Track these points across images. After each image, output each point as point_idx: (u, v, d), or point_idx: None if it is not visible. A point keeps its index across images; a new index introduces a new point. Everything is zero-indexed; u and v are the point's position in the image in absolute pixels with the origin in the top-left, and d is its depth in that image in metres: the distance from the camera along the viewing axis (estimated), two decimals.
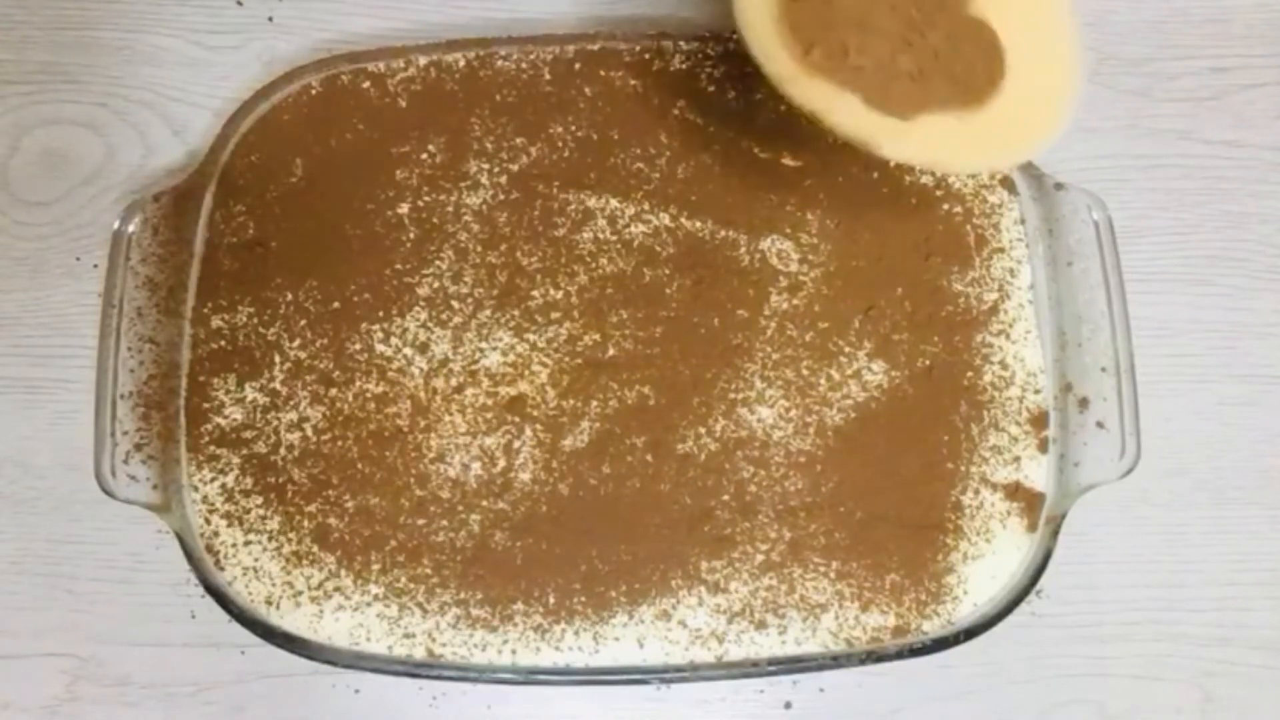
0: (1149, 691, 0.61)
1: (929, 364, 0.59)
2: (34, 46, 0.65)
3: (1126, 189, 0.64)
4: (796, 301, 0.60)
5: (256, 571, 0.57)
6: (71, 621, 0.60)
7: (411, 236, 0.60)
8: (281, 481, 0.58)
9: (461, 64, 0.62)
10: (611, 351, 0.59)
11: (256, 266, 0.60)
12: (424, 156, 0.61)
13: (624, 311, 0.59)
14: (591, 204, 0.60)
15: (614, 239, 0.60)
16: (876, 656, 0.56)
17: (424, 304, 0.59)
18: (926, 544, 0.58)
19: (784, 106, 0.54)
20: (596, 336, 0.59)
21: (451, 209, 0.60)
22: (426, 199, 0.60)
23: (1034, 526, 0.58)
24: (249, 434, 0.58)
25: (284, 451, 0.58)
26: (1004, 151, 0.56)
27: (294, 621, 0.56)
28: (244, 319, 0.59)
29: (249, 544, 0.57)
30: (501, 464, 0.58)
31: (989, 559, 0.57)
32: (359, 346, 0.59)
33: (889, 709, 0.61)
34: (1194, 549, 0.62)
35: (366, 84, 0.62)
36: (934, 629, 0.57)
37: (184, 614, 0.60)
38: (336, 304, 0.59)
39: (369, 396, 0.58)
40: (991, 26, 0.54)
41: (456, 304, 0.59)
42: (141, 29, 0.65)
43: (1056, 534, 0.57)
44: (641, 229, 0.60)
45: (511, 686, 0.58)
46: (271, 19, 0.66)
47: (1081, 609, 0.61)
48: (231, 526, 0.57)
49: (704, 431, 0.58)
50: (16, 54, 0.65)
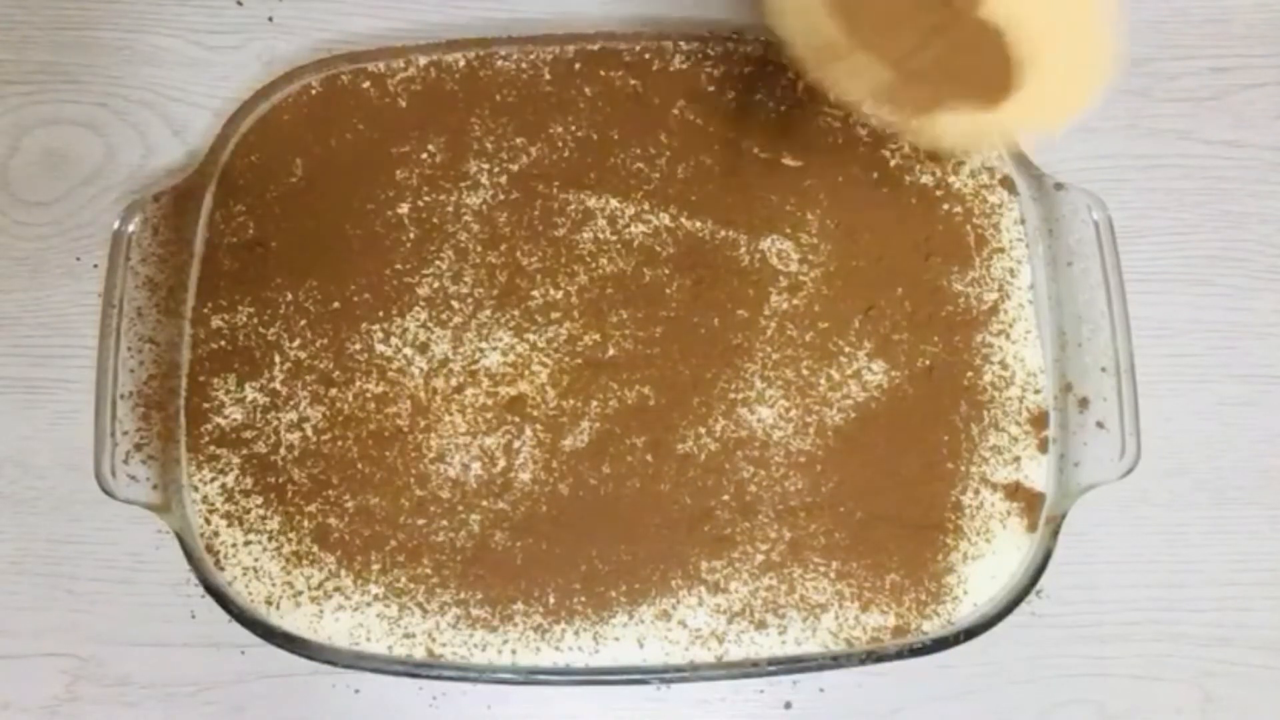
0: (1149, 691, 0.61)
1: (929, 364, 0.59)
2: (34, 46, 0.65)
3: (1126, 189, 0.64)
4: (796, 301, 0.60)
5: (256, 571, 0.57)
6: (71, 621, 0.60)
7: (411, 236, 0.60)
8: (281, 481, 0.58)
9: (461, 64, 0.62)
10: (611, 351, 0.59)
11: (256, 266, 0.60)
12: (424, 156, 0.61)
13: (624, 311, 0.59)
14: (591, 204, 0.60)
15: (614, 239, 0.60)
16: (876, 656, 0.56)
17: (424, 304, 0.59)
18: (926, 544, 0.58)
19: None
20: (596, 336, 0.59)
21: (451, 209, 0.60)
22: (426, 199, 0.60)
23: (1034, 526, 0.58)
24: (249, 434, 0.58)
25: (284, 451, 0.58)
26: (1035, 122, 0.56)
27: (294, 621, 0.56)
28: (244, 319, 0.59)
29: (249, 544, 0.57)
30: (501, 464, 0.58)
31: (989, 559, 0.57)
32: (359, 346, 0.59)
33: (889, 709, 0.61)
34: (1194, 549, 0.62)
35: (366, 84, 0.62)
36: (934, 629, 0.57)
37: (184, 614, 0.60)
38: (336, 304, 0.59)
39: (369, 396, 0.58)
40: (1003, 31, 0.53)
41: (456, 304, 0.59)
42: (141, 29, 0.65)
43: (1056, 534, 0.57)
44: (641, 229, 0.60)
45: (511, 686, 0.58)
46: (271, 19, 0.66)
47: (1081, 609, 0.61)
48: (231, 526, 0.57)
49: (704, 431, 0.58)
50: (16, 54, 0.65)
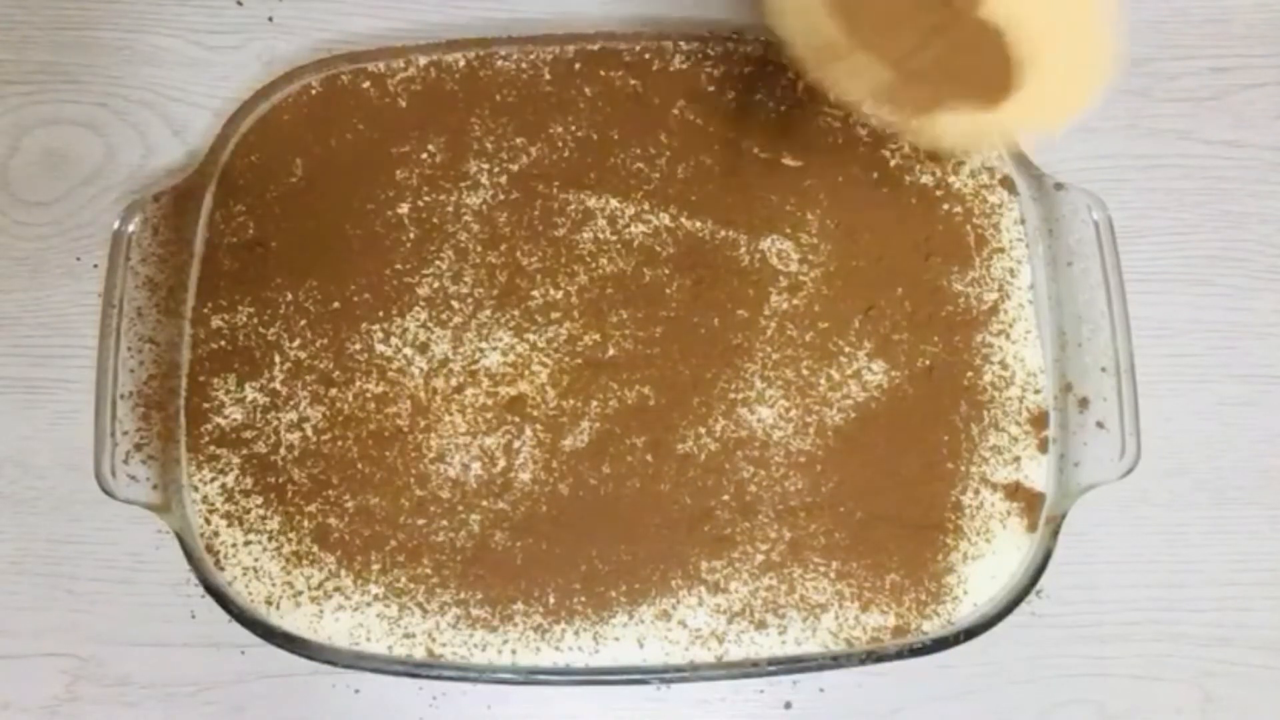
0: (1149, 691, 0.61)
1: (929, 364, 0.59)
2: (34, 46, 0.65)
3: (1126, 189, 0.64)
4: (796, 301, 0.60)
5: (256, 571, 0.57)
6: (71, 621, 0.60)
7: (411, 236, 0.60)
8: (281, 481, 0.58)
9: (461, 64, 0.62)
10: (611, 351, 0.59)
11: (256, 266, 0.60)
12: (424, 156, 0.61)
13: (624, 311, 0.59)
14: (591, 204, 0.60)
15: (614, 239, 0.60)
16: (876, 656, 0.56)
17: (424, 304, 0.59)
18: (926, 544, 0.57)
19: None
20: (596, 336, 0.59)
21: (451, 209, 0.60)
22: (426, 199, 0.60)
23: (1034, 526, 0.58)
24: (249, 434, 0.58)
25: (284, 451, 0.58)
26: (1035, 122, 0.56)
27: (294, 621, 0.56)
28: (244, 319, 0.59)
29: (249, 544, 0.57)
30: (501, 464, 0.58)
31: (989, 559, 0.57)
32: (359, 346, 0.59)
33: (889, 709, 0.61)
34: (1194, 549, 0.62)
35: (366, 84, 0.62)
36: (934, 629, 0.57)
37: (184, 614, 0.60)
38: (336, 304, 0.59)
39: (369, 396, 0.58)
40: (1003, 31, 0.53)
41: (456, 304, 0.59)
42: (141, 29, 0.65)
43: (1056, 534, 0.57)
44: (641, 229, 0.60)
45: (511, 686, 0.58)
46: (271, 19, 0.66)
47: (1081, 609, 0.61)
48: (231, 526, 0.57)
49: (704, 431, 0.58)
50: (16, 54, 0.65)
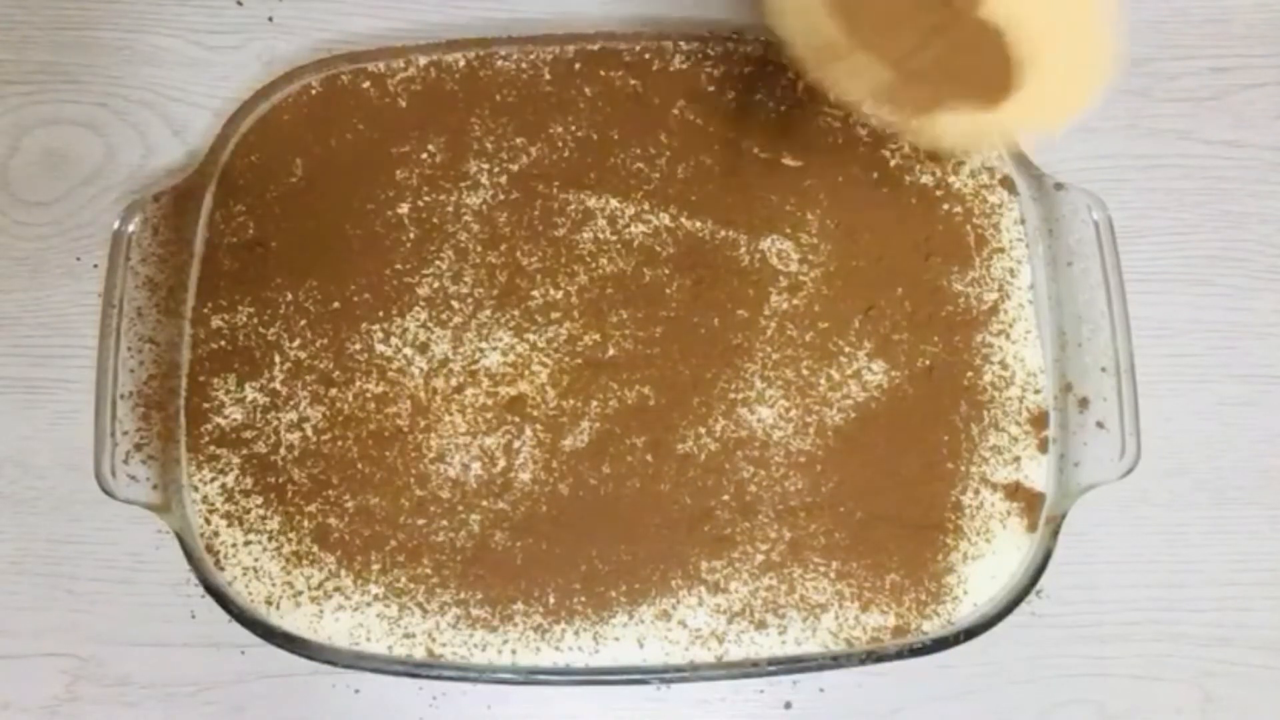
0: (1149, 691, 0.61)
1: (929, 364, 0.59)
2: (34, 46, 0.65)
3: (1126, 189, 0.64)
4: (796, 301, 0.60)
5: (256, 571, 0.57)
6: (71, 621, 0.60)
7: (411, 236, 0.60)
8: (281, 481, 0.58)
9: (461, 64, 0.62)
10: (611, 351, 0.59)
11: (256, 266, 0.60)
12: (424, 156, 0.61)
13: (624, 311, 0.59)
14: (591, 204, 0.60)
15: (614, 239, 0.60)
16: (876, 656, 0.56)
17: (424, 304, 0.59)
18: (926, 544, 0.57)
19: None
20: (596, 336, 0.59)
21: (451, 209, 0.60)
22: (426, 199, 0.60)
23: (1034, 526, 0.58)
24: (249, 434, 0.58)
25: (284, 451, 0.58)
26: (1035, 122, 0.56)
27: (294, 621, 0.56)
28: (244, 319, 0.59)
29: (249, 544, 0.57)
30: (501, 464, 0.58)
31: (989, 559, 0.57)
32: (359, 346, 0.59)
33: (889, 709, 0.61)
34: (1194, 549, 0.62)
35: (366, 84, 0.62)
36: (934, 629, 0.57)
37: (184, 614, 0.60)
38: (336, 304, 0.59)
39: (369, 396, 0.58)
40: (1003, 31, 0.53)
41: (456, 304, 0.59)
42: (141, 29, 0.65)
43: (1056, 534, 0.57)
44: (641, 229, 0.60)
45: (511, 686, 0.58)
46: (271, 19, 0.66)
47: (1081, 609, 0.61)
48: (231, 526, 0.57)
49: (704, 431, 0.58)
50: (16, 54, 0.65)
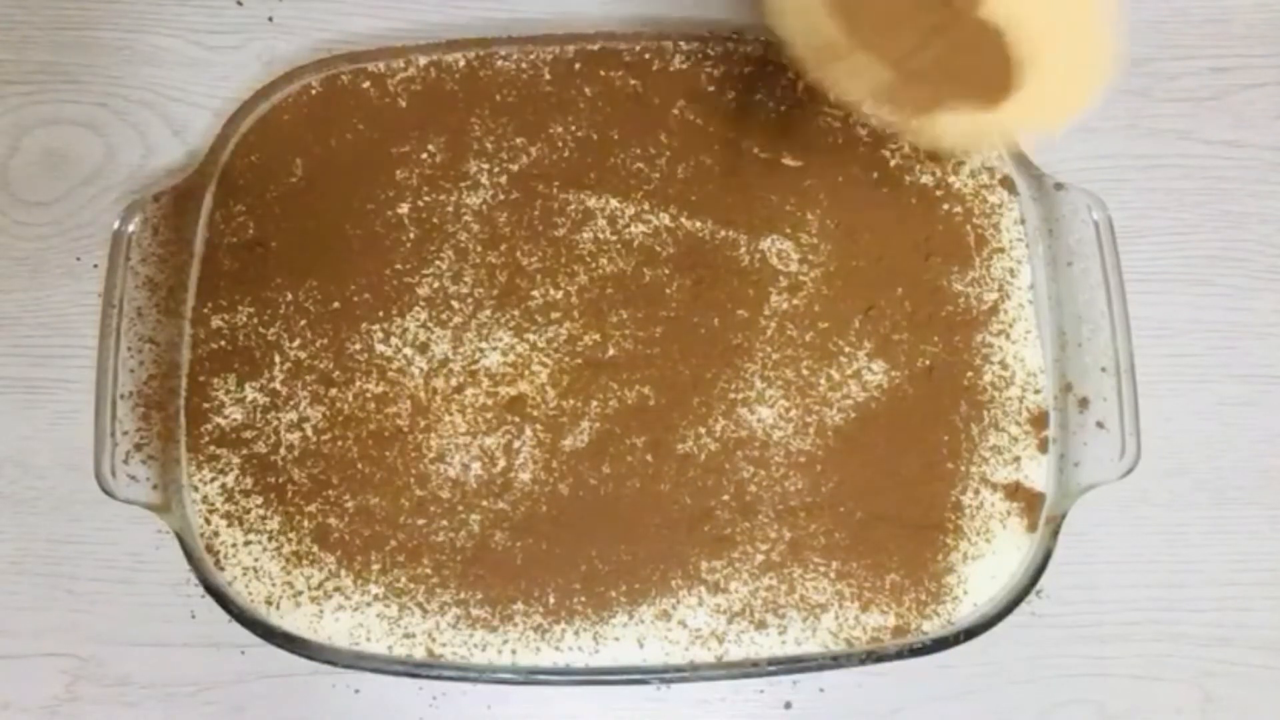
0: (1149, 691, 0.61)
1: (929, 364, 0.59)
2: (34, 46, 0.65)
3: (1126, 189, 0.64)
4: (796, 301, 0.60)
5: (256, 571, 0.57)
6: (71, 621, 0.60)
7: (411, 236, 0.60)
8: (281, 481, 0.58)
9: (461, 64, 0.62)
10: (611, 351, 0.59)
11: (256, 266, 0.60)
12: (424, 156, 0.61)
13: (624, 311, 0.59)
14: (591, 204, 0.60)
15: (614, 239, 0.60)
16: (876, 656, 0.56)
17: (424, 304, 0.59)
18: (926, 544, 0.57)
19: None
20: (596, 336, 0.59)
21: (451, 209, 0.60)
22: (426, 199, 0.60)
23: (1034, 526, 0.58)
24: (249, 434, 0.58)
25: (284, 451, 0.58)
26: (1035, 122, 0.56)
27: (294, 621, 0.56)
28: (244, 319, 0.59)
29: (249, 544, 0.57)
30: (501, 464, 0.58)
31: (989, 559, 0.57)
32: (359, 346, 0.59)
33: (889, 709, 0.61)
34: (1194, 549, 0.62)
35: (366, 84, 0.62)
36: (934, 629, 0.57)
37: (184, 614, 0.60)
38: (336, 304, 0.59)
39: (369, 396, 0.58)
40: (1003, 31, 0.53)
41: (456, 304, 0.59)
42: (141, 29, 0.65)
43: (1056, 534, 0.57)
44: (641, 229, 0.60)
45: (511, 686, 0.58)
46: (271, 19, 0.66)
47: (1081, 609, 0.61)
48: (231, 526, 0.57)
49: (704, 431, 0.58)
50: (16, 54, 0.65)
